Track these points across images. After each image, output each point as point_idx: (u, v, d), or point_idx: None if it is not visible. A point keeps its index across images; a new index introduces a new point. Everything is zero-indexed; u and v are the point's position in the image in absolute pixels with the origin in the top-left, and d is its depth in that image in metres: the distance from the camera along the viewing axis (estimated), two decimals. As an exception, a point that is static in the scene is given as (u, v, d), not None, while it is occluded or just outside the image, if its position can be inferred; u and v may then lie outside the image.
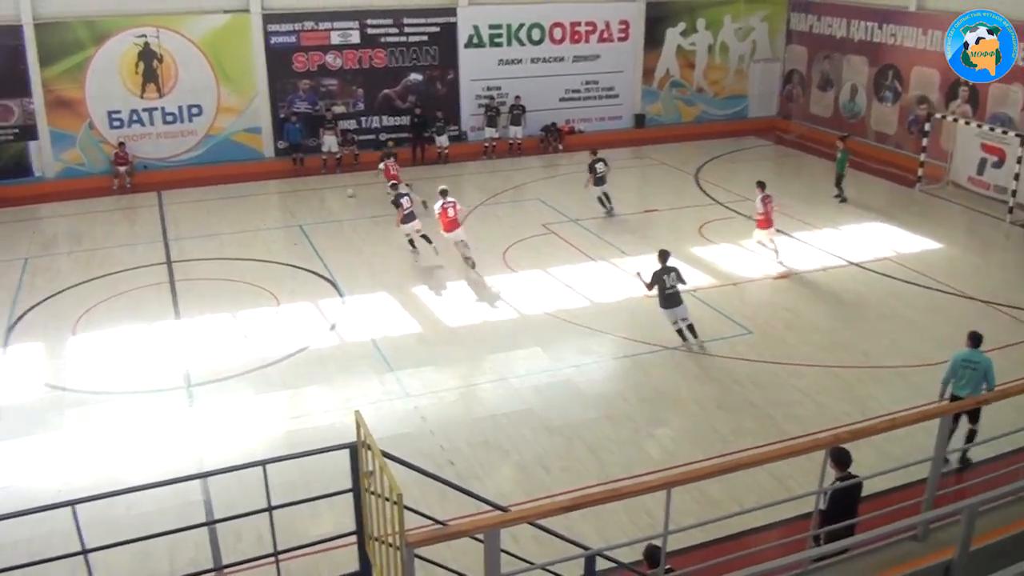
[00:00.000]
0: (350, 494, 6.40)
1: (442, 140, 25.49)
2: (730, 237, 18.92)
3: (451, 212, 17.04)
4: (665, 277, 13.93)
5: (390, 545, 5.53)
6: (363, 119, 25.61)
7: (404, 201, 17.76)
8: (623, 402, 12.57)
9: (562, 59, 27.20)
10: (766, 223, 17.39)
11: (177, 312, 15.55)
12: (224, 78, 23.84)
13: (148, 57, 23.16)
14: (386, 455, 5.64)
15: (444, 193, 17.28)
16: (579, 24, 27.11)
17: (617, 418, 12.10)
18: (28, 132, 22.76)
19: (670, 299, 13.96)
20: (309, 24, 24.32)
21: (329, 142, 24.48)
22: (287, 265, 17.62)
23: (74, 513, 5.82)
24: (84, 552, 5.94)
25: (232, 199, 22.31)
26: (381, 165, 21.66)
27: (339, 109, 25.10)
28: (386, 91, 25.63)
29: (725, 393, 12.74)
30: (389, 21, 25.05)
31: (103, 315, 15.44)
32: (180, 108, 23.78)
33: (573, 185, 22.04)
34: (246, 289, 16.39)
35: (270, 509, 6.41)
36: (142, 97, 23.43)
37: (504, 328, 14.92)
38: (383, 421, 11.49)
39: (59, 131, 22.93)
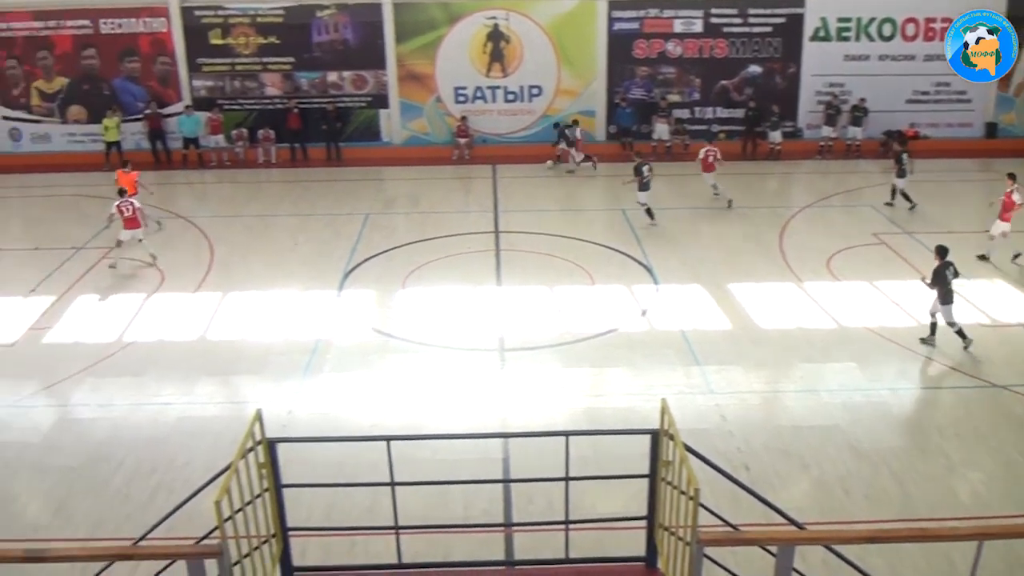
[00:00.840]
0: (643, 480, 6.42)
1: (775, 136, 24.60)
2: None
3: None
4: (947, 272, 13.38)
5: (680, 539, 5.48)
6: (696, 109, 25.40)
7: (644, 170, 18.62)
8: (938, 436, 11.49)
9: (913, 57, 25.12)
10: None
11: (499, 279, 16.43)
12: (566, 61, 24.70)
13: (496, 38, 24.55)
14: (687, 448, 5.58)
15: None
16: (934, 20, 24.78)
17: (929, 452, 11.10)
18: (380, 101, 25.15)
19: (951, 295, 13.42)
20: (653, 11, 24.48)
21: (660, 130, 24.59)
22: (605, 247, 17.95)
23: (388, 448, 6.32)
24: (392, 484, 6.45)
25: (560, 178, 23.12)
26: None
27: (674, 98, 25.08)
28: (723, 82, 25.22)
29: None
30: (734, 11, 24.55)
31: (431, 273, 16.66)
32: (521, 88, 24.99)
33: (915, 193, 20.33)
34: (564, 265, 16.93)
35: (567, 479, 6.58)
36: (487, 75, 24.91)
37: (819, 337, 14.19)
38: (683, 413, 11.31)
39: (408, 102, 25.07)
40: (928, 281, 13.53)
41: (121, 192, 17.48)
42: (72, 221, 20.53)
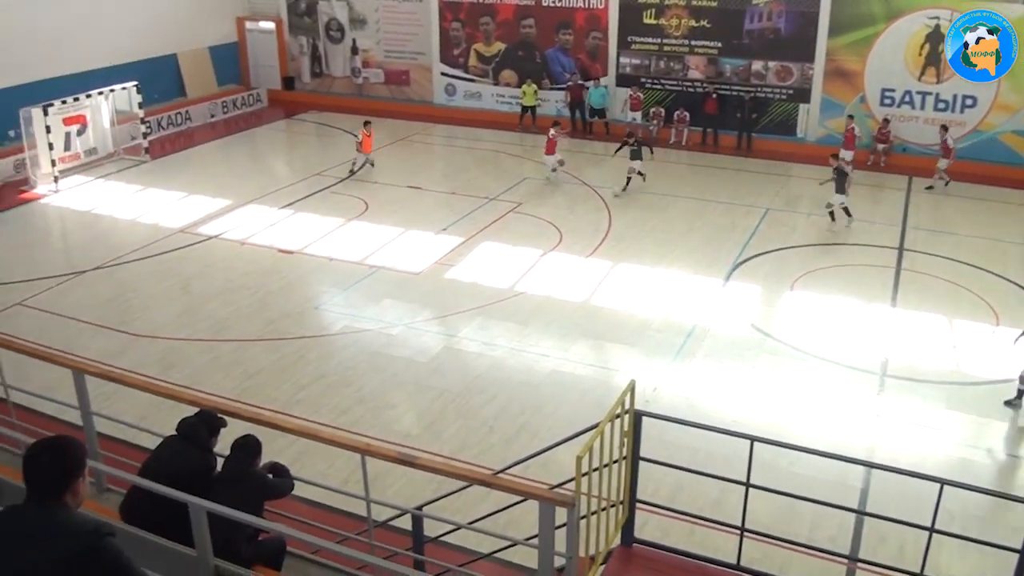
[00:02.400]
0: (1012, 555, 5.67)
1: None
2: None
3: None
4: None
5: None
6: None
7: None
8: None
9: None
10: None
11: (894, 299, 15.27)
12: (1009, 73, 21.96)
13: (935, 40, 22.50)
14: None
15: None
16: None
17: None
18: (801, 95, 24.22)
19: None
20: None
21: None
22: (1019, 286, 15.94)
23: (751, 448, 6.18)
24: (747, 485, 6.30)
25: (981, 201, 20.84)
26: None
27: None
28: None
29: None
30: None
31: (822, 280, 15.92)
32: (954, 97, 22.74)
33: None
34: (968, 298, 15.30)
35: (932, 530, 6.01)
36: (919, 80, 22.98)
37: None
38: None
39: (831, 99, 23.88)
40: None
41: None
42: (488, 173, 22.42)
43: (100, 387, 7.54)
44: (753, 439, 6.22)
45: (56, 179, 21.36)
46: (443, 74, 28.46)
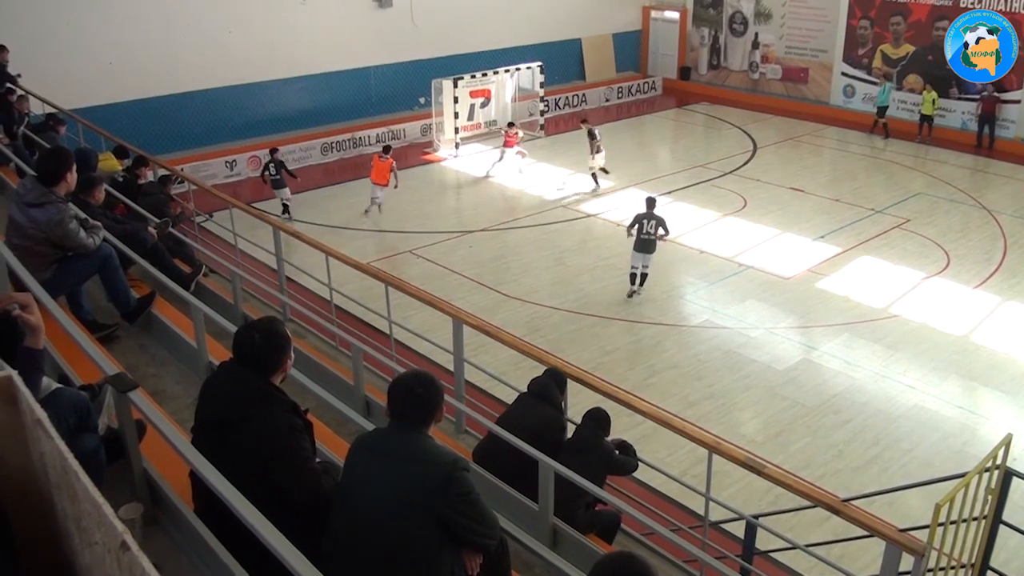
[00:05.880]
0: None
1: None
2: None
3: None
4: (644, 222, 14.28)
5: None
6: None
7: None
8: None
9: None
10: None
11: None
12: None
13: None
14: None
15: None
16: None
17: None
18: None
19: (643, 245, 14.45)
20: None
21: None
22: None
23: None
24: None
25: None
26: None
27: None
28: None
29: None
30: None
31: None
32: None
33: None
34: None
35: None
36: None
37: None
38: None
39: None
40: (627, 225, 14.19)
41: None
42: (877, 184, 21.20)
43: (471, 337, 8.29)
44: None
45: (457, 145, 23.69)
46: (843, 74, 27.19)
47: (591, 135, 19.99)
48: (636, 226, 14.50)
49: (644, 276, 14.80)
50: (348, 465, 3.96)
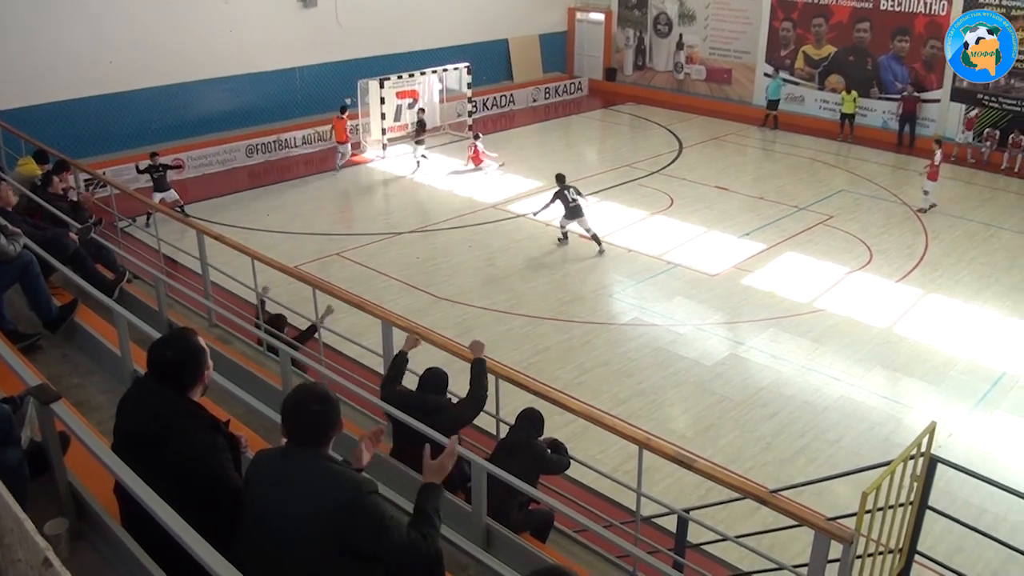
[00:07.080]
0: None
1: None
2: None
3: None
4: (566, 193, 16.37)
5: None
6: None
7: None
8: None
9: None
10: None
11: None
12: None
13: None
14: None
15: None
16: None
17: None
18: None
19: (573, 212, 16.50)
20: None
21: None
22: None
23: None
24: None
25: None
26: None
27: None
28: None
29: None
30: None
31: None
32: None
33: None
34: None
35: None
36: None
37: None
38: None
39: None
40: (544, 206, 16.67)
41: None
42: (801, 181, 21.62)
43: (402, 340, 8.17)
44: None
45: (384, 146, 23.50)
46: (766, 75, 27.71)
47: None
48: (560, 199, 16.54)
49: (596, 236, 16.69)
50: (247, 488, 3.71)
